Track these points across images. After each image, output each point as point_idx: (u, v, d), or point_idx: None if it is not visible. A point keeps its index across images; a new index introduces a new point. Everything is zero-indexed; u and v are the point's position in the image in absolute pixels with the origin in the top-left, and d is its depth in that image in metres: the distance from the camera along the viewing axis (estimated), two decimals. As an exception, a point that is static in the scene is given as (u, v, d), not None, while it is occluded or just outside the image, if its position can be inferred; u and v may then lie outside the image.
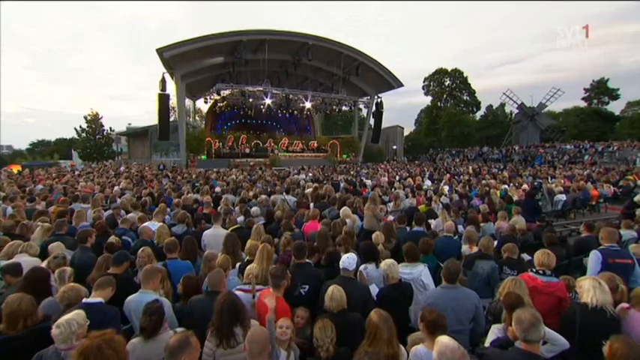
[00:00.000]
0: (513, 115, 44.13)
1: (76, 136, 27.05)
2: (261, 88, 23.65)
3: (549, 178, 14.41)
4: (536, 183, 10.05)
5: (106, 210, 6.70)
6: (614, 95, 40.19)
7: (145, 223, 5.22)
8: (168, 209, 7.12)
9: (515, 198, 9.38)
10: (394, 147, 38.59)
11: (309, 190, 9.07)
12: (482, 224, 6.41)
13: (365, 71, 27.51)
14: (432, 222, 6.98)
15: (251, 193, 8.78)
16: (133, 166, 21.16)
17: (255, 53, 23.84)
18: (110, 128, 28.25)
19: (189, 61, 22.33)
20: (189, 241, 4.04)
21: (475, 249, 4.09)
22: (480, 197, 9.50)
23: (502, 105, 49.53)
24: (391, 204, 8.92)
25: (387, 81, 29.18)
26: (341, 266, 2.99)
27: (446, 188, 11.44)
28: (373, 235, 4.18)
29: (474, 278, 3.67)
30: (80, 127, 27.04)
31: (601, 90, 40.43)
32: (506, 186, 11.73)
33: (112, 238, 4.05)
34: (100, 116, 27.33)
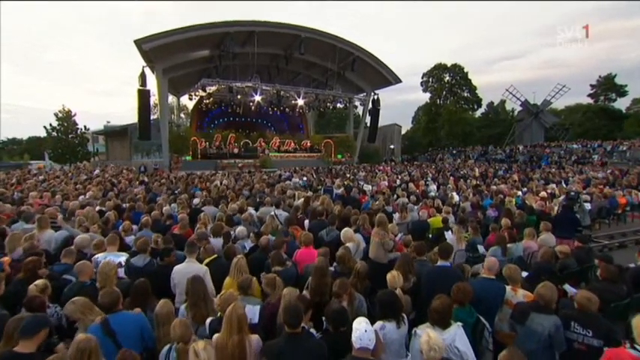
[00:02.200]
0: (515, 112, 43.77)
1: (46, 134, 25.61)
2: (250, 84, 22.70)
3: (563, 182, 13.72)
4: (572, 193, 9.27)
5: (57, 229, 5.67)
6: (621, 92, 39.80)
7: (101, 255, 4.24)
8: (135, 227, 6.16)
9: (534, 207, 8.63)
10: (391, 146, 37.87)
11: (301, 202, 8.14)
12: (509, 245, 5.61)
13: (361, 66, 26.76)
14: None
15: (236, 205, 7.82)
16: (109, 169, 19.94)
17: (243, 46, 22.93)
18: (85, 127, 26.89)
19: (171, 55, 21.26)
20: (140, 287, 3.07)
21: (520, 292, 3.23)
22: (494, 207, 8.71)
23: (502, 102, 49.23)
24: (396, 215, 8.08)
25: (385, 77, 28.54)
26: (356, 344, 2.10)
27: (455, 196, 10.63)
28: (389, 277, 3.30)
29: (529, 337, 2.82)
30: (50, 125, 25.69)
31: (608, 86, 40.07)
32: (519, 192, 10.97)
33: (34, 287, 2.92)
34: (72, 113, 25.91)
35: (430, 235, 7.20)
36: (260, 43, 22.36)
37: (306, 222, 6.22)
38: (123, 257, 4.14)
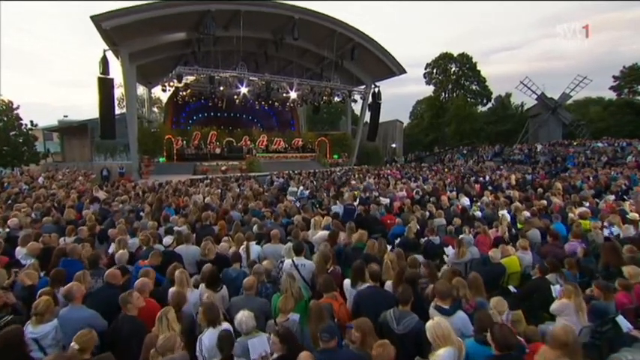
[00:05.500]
0: (524, 107, 42.66)
1: None
2: (234, 74, 21.09)
3: (619, 194, 11.99)
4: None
5: None
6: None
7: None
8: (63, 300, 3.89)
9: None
10: (393, 145, 36.28)
11: (321, 235, 6.05)
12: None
13: (361, 55, 25.13)
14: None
15: (229, 247, 5.59)
16: (60, 174, 17.17)
17: (226, 29, 20.93)
18: (31, 122, 23.82)
19: (139, 36, 18.92)
20: None
21: None
22: (579, 238, 6.79)
23: (508, 95, 48.04)
24: (450, 252, 6.10)
25: (388, 67, 27.12)
26: None
27: (507, 216, 8.68)
28: None
29: None
30: None
31: (633, 78, 39.06)
32: (583, 209, 9.05)
33: None
34: (14, 106, 22.82)
35: (512, 289, 5.29)
36: (246, 25, 20.37)
37: (347, 283, 4.10)
38: None
